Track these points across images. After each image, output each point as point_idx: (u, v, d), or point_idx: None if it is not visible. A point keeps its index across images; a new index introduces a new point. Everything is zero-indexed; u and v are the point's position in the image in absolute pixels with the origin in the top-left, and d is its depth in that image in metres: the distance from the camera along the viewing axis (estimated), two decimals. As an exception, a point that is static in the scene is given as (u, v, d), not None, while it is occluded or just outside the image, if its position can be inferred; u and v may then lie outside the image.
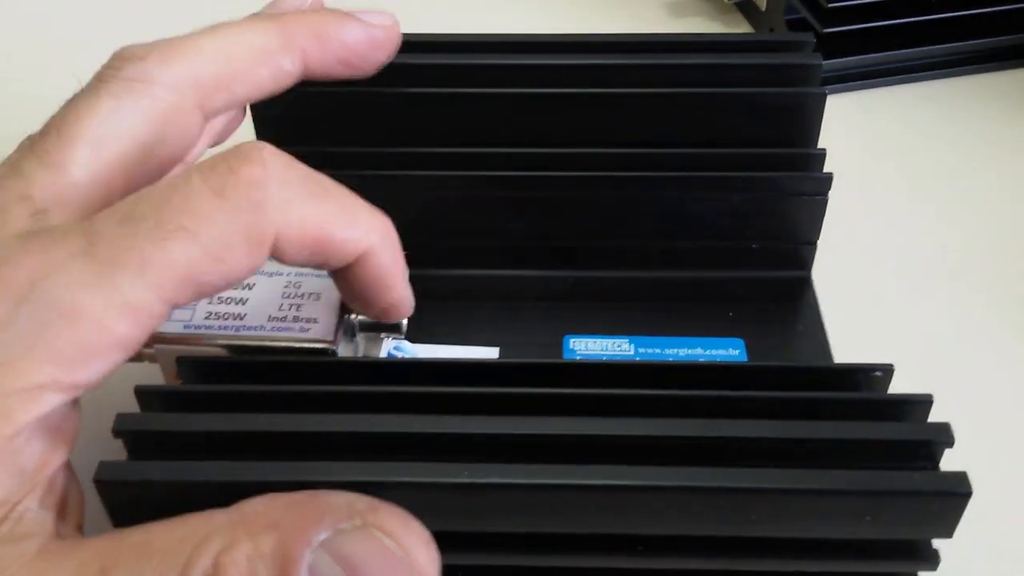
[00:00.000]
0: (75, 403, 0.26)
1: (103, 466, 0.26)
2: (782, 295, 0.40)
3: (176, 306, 0.26)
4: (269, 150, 0.27)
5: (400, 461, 0.26)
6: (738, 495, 0.26)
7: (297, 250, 0.27)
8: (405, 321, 0.35)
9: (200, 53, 0.30)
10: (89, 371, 0.25)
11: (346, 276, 0.30)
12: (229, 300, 0.33)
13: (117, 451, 0.27)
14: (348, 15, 0.33)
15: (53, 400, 0.25)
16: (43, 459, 0.25)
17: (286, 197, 0.26)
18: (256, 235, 0.26)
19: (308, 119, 0.38)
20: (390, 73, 0.35)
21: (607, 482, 0.26)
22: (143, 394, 0.29)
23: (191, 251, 0.25)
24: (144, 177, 0.29)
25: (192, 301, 0.26)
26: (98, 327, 0.24)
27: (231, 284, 0.27)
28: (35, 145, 0.28)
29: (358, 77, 0.34)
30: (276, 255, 0.27)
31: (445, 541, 0.25)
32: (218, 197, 0.25)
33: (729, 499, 0.26)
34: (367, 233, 0.29)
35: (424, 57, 0.37)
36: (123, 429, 0.27)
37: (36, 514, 0.25)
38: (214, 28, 0.31)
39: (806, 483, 0.26)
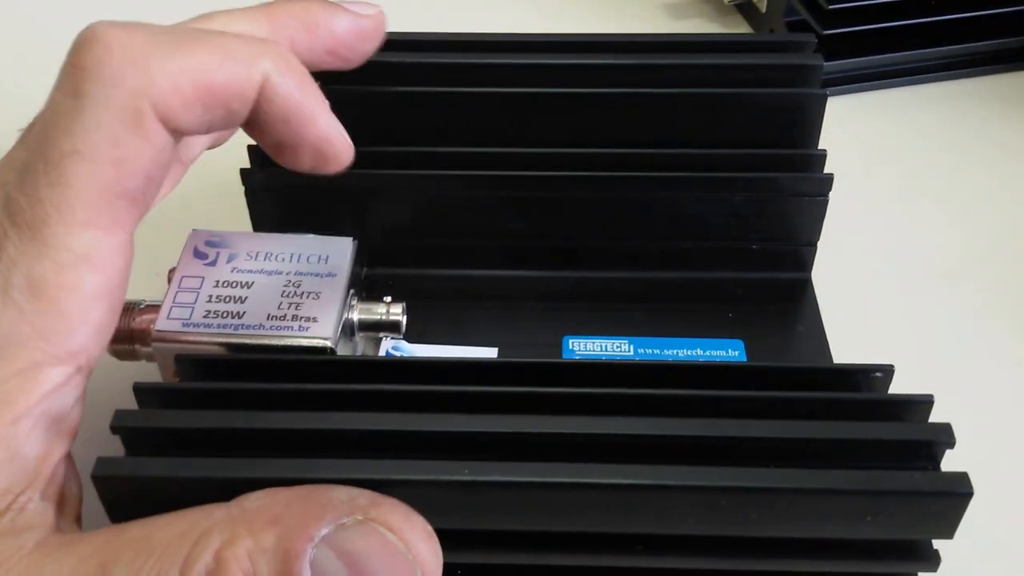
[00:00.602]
0: (81, 397, 0.26)
1: (100, 462, 0.26)
2: (782, 296, 0.40)
3: (127, 229, 0.25)
4: (103, 24, 0.25)
5: (399, 459, 0.26)
6: (739, 494, 0.26)
7: (185, 110, 0.25)
8: (404, 320, 0.35)
9: None
10: (78, 336, 0.25)
11: (259, 122, 0.28)
12: (228, 298, 0.33)
13: (115, 448, 0.27)
14: (336, 5, 0.33)
15: (53, 375, 0.24)
16: (45, 449, 0.25)
17: (139, 62, 0.25)
18: (131, 115, 0.25)
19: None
20: (390, 72, 0.35)
21: (607, 481, 0.26)
22: (141, 391, 0.28)
23: (87, 170, 0.24)
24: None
25: (137, 214, 0.26)
26: (64, 290, 0.24)
27: (155, 176, 0.25)
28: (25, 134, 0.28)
29: (345, 68, 0.34)
30: (171, 126, 0.25)
31: (445, 539, 0.25)
32: (76, 98, 0.24)
33: (730, 498, 0.26)
34: (253, 62, 0.27)
35: (424, 56, 0.37)
36: (120, 425, 0.27)
37: (37, 506, 0.25)
38: (203, 17, 0.31)
39: (807, 483, 0.26)
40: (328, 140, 0.28)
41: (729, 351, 0.38)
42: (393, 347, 0.37)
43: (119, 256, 0.25)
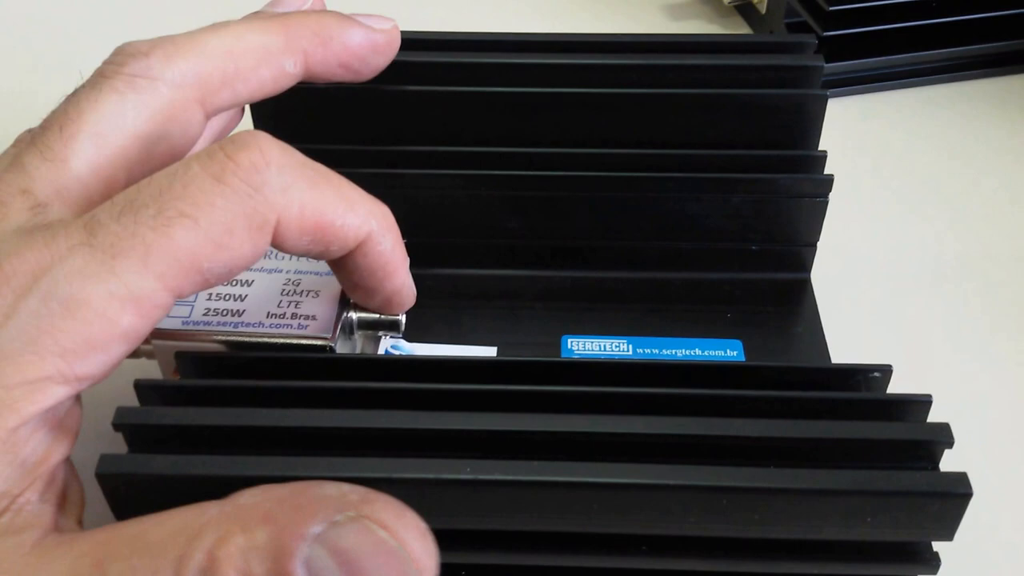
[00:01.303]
0: (78, 398, 0.26)
1: (104, 459, 0.26)
2: (781, 297, 0.40)
3: (181, 296, 0.26)
4: (265, 137, 0.27)
5: (399, 457, 0.26)
6: (738, 494, 0.26)
7: (297, 236, 0.27)
8: (403, 319, 0.35)
9: (204, 51, 0.30)
10: (93, 364, 0.25)
11: (347, 265, 0.30)
12: (228, 296, 0.33)
13: (116, 446, 0.27)
14: (350, 18, 0.33)
15: (58, 393, 0.25)
16: (45, 453, 0.25)
17: (285, 182, 0.27)
18: (257, 220, 0.26)
19: (307, 116, 0.38)
20: (390, 71, 0.35)
21: (608, 480, 0.26)
22: (142, 388, 0.28)
23: (193, 238, 0.25)
24: (145, 173, 0.29)
25: (196, 291, 0.26)
26: (102, 319, 0.24)
27: (234, 272, 0.27)
28: (36, 139, 0.28)
29: (357, 80, 0.34)
30: (277, 242, 0.27)
31: (446, 539, 0.25)
32: (218, 183, 0.26)
33: (730, 498, 0.26)
34: (366, 219, 0.29)
35: (424, 55, 0.37)
36: (123, 422, 0.27)
37: (36, 507, 0.25)
38: (217, 26, 0.31)
39: (807, 483, 0.26)
40: (400, 295, 0.32)
41: (728, 351, 0.38)
42: (392, 346, 0.37)
43: (161, 312, 0.26)
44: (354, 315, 0.34)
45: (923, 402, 0.28)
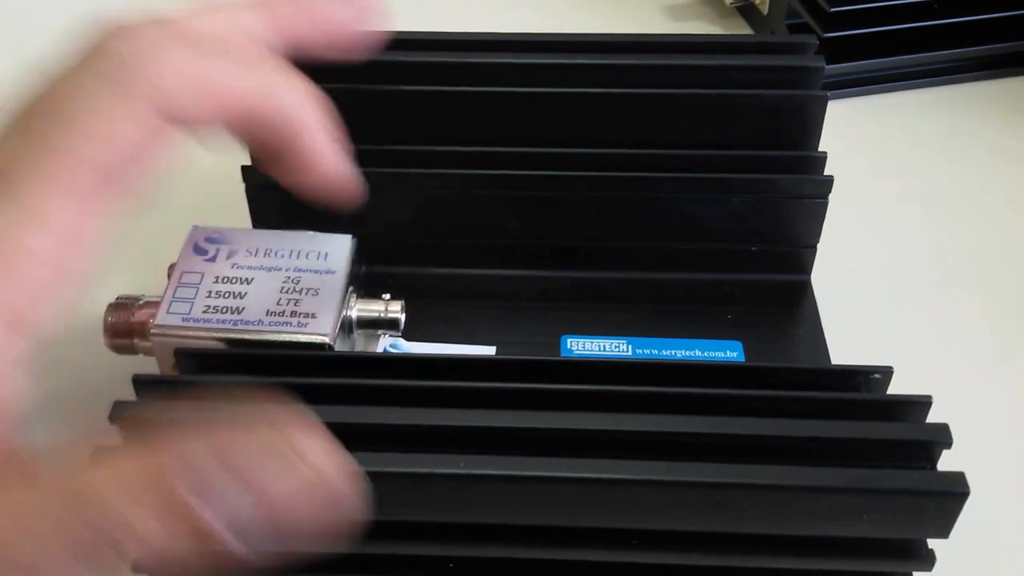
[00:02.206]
0: (30, 371, 0.25)
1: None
2: (781, 298, 0.40)
3: (103, 211, 0.25)
4: (132, 17, 0.26)
5: (395, 452, 0.26)
6: (735, 491, 0.26)
7: (196, 111, 0.26)
8: (402, 318, 0.35)
9: None
10: (27, 301, 0.23)
11: (262, 138, 0.28)
12: (227, 294, 0.33)
13: (113, 440, 0.27)
14: None
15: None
16: None
17: (168, 59, 0.26)
18: (143, 110, 0.25)
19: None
20: (390, 70, 0.35)
21: (603, 475, 0.26)
22: (141, 383, 0.28)
23: (89, 149, 0.24)
24: None
25: (116, 197, 0.25)
26: (14, 249, 0.23)
27: (145, 165, 0.25)
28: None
29: (347, 60, 0.34)
30: (178, 121, 0.26)
31: (440, 532, 0.25)
32: (96, 80, 0.25)
33: (726, 495, 0.26)
34: (266, 80, 0.28)
35: (424, 55, 0.37)
36: (119, 416, 0.27)
37: None
38: (203, 9, 0.31)
39: (805, 480, 0.26)
40: (329, 169, 0.29)
41: (728, 352, 0.38)
42: (391, 344, 0.37)
43: (89, 235, 0.24)
44: (354, 314, 0.34)
45: (923, 403, 0.28)
